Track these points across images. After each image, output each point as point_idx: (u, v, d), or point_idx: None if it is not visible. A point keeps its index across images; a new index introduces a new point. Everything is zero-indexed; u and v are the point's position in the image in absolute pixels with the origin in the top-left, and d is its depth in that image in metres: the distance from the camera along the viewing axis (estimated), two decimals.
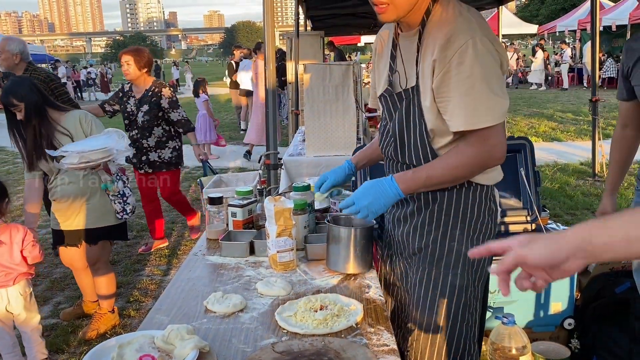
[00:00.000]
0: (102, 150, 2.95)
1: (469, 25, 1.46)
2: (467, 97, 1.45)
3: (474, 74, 1.43)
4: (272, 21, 3.19)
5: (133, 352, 1.29)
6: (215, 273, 1.88)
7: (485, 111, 1.45)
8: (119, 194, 3.19)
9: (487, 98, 1.45)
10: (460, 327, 1.65)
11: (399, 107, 1.64)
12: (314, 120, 3.90)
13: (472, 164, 1.53)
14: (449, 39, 1.45)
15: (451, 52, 1.44)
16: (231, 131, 12.15)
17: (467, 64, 1.43)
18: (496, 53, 1.47)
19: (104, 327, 3.33)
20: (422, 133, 1.59)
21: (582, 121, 11.11)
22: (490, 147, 1.50)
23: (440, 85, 1.49)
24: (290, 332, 1.44)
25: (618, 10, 17.83)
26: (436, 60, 1.48)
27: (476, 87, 1.44)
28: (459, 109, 1.47)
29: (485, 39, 1.44)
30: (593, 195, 5.87)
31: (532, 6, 36.00)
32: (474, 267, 1.65)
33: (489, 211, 1.67)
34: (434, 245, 1.66)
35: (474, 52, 1.42)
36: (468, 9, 1.53)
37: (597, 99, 6.43)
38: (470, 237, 1.64)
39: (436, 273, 1.65)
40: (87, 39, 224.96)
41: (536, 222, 3.09)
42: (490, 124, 1.46)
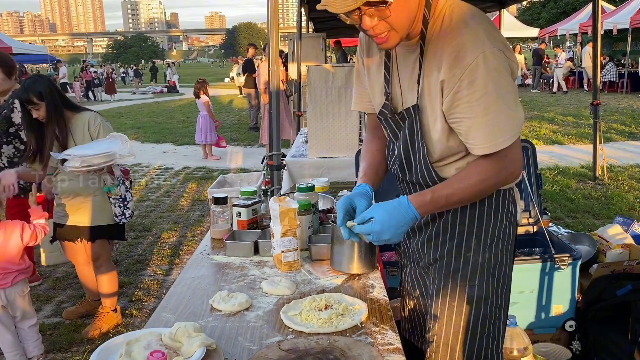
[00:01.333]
0: (104, 154, 2.98)
1: (477, 38, 1.34)
2: (484, 119, 1.36)
3: (488, 92, 1.33)
4: (276, 23, 3.21)
5: (141, 349, 1.30)
6: (220, 272, 1.89)
7: (505, 130, 1.37)
8: (120, 198, 3.22)
9: (505, 116, 1.36)
10: (480, 339, 1.58)
11: (403, 126, 1.55)
12: (316, 122, 3.92)
13: (491, 183, 1.46)
14: (456, 56, 1.34)
15: (460, 71, 1.34)
16: (232, 132, 12.17)
17: (480, 82, 1.33)
18: (507, 62, 1.37)
19: (107, 326, 3.35)
20: (426, 156, 1.52)
21: (582, 124, 11.13)
22: (509, 163, 1.43)
23: (451, 107, 1.39)
24: (295, 330, 1.46)
25: (619, 14, 17.87)
26: (445, 80, 1.38)
27: (492, 106, 1.35)
28: (477, 132, 1.38)
29: (495, 49, 1.33)
30: (594, 199, 5.88)
31: (533, 9, 36.05)
32: (495, 277, 1.58)
33: (507, 215, 1.59)
34: (449, 256, 1.58)
35: (485, 68, 1.32)
36: (472, 14, 1.40)
37: (598, 103, 6.45)
38: (488, 246, 1.56)
39: (452, 285, 1.57)
40: (88, 39, 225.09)
41: (538, 225, 3.11)
42: (511, 142, 1.39)
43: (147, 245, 4.98)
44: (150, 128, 13.43)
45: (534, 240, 3.10)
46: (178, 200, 6.59)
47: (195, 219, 5.78)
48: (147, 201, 6.62)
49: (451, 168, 1.52)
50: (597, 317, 2.77)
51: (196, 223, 5.61)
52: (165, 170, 8.52)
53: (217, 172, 8.06)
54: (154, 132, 12.77)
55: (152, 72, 37.60)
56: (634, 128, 10.51)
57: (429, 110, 1.46)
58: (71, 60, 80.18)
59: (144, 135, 12.26)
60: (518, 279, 2.68)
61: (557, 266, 2.74)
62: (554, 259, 2.74)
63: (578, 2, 28.88)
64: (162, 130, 12.94)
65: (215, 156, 9.30)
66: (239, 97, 22.01)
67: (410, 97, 1.51)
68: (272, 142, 3.34)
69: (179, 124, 14.07)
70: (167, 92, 26.65)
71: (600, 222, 4.93)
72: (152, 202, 6.54)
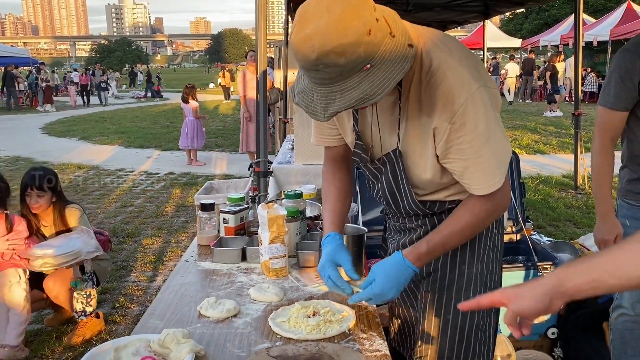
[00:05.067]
0: (69, 254, 3.08)
1: (462, 80, 1.32)
2: (477, 161, 1.36)
3: (479, 134, 1.33)
4: (264, 32, 3.23)
5: (129, 355, 1.30)
6: (208, 279, 1.89)
7: (497, 170, 1.38)
8: (85, 295, 3.23)
9: (496, 156, 1.37)
10: (474, 348, 1.60)
11: (383, 170, 1.53)
12: (303, 129, 3.93)
13: (486, 222, 1.49)
14: (445, 102, 1.32)
15: (450, 115, 1.32)
16: (217, 138, 12.15)
17: (470, 124, 1.32)
18: (492, 95, 1.37)
19: (90, 332, 3.31)
20: (412, 194, 1.52)
21: (564, 134, 11.30)
22: (499, 200, 1.44)
23: (443, 151, 1.38)
24: (284, 337, 1.46)
25: (600, 27, 18.23)
26: (437, 127, 1.35)
27: (483, 148, 1.35)
28: (471, 174, 1.38)
29: (481, 88, 1.32)
30: (575, 208, 5.98)
31: (516, 20, 36.54)
32: (487, 286, 1.60)
33: (496, 223, 1.62)
34: (444, 269, 1.59)
35: (473, 110, 1.31)
36: (448, 47, 1.36)
37: (579, 113, 6.57)
38: (481, 257, 1.59)
39: (447, 298, 1.59)
40: (71, 43, 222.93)
41: (521, 233, 3.16)
42: (503, 180, 1.40)
43: (130, 252, 4.94)
44: (133, 133, 13.35)
45: (517, 248, 3.15)
46: (162, 206, 6.55)
47: (179, 225, 5.75)
48: (131, 207, 6.57)
49: (441, 194, 1.54)
50: (578, 324, 2.81)
51: (180, 229, 5.58)
52: (149, 176, 8.47)
53: (201, 178, 8.03)
54: (138, 137, 12.69)
55: (131, 77, 37.32)
56: None
57: (416, 154, 1.45)
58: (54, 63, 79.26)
59: (127, 140, 12.18)
60: (502, 286, 2.73)
61: (540, 274, 2.78)
62: (536, 267, 2.78)
63: (560, 14, 29.34)
64: (146, 136, 12.87)
65: (199, 162, 9.27)
66: (224, 102, 21.98)
67: (390, 142, 1.49)
68: (260, 149, 3.35)
69: (162, 129, 14.00)
70: (151, 97, 26.50)
71: (582, 231, 5.01)
72: (136, 208, 6.50)
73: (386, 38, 1.20)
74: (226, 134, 12.79)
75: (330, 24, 1.14)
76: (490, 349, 1.65)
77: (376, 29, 1.17)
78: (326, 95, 1.22)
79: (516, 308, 1.05)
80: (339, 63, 1.16)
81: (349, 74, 1.19)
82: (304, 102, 1.28)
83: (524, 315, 1.05)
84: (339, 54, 1.15)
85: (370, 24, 1.16)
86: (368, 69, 1.19)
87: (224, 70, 25.13)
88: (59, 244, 3.14)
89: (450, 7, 6.66)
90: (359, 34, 1.14)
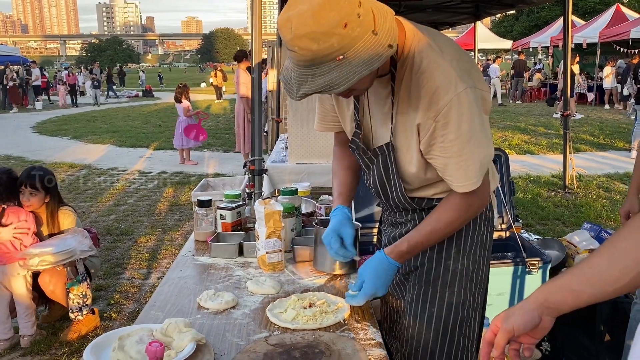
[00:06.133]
0: (64, 252, 3.13)
1: (449, 80, 1.37)
2: (458, 159, 1.41)
3: (462, 133, 1.38)
4: (260, 32, 3.28)
5: (133, 343, 1.35)
6: (206, 273, 1.94)
7: (479, 169, 1.43)
8: (81, 295, 3.28)
9: (478, 156, 1.42)
10: (457, 341, 1.65)
11: (375, 161, 1.59)
12: (297, 128, 3.98)
13: (463, 219, 1.55)
14: (431, 99, 1.38)
15: (434, 113, 1.38)
16: (210, 138, 12.13)
17: (453, 123, 1.37)
18: (479, 96, 1.42)
19: (86, 328, 3.35)
20: (402, 187, 1.59)
21: (553, 135, 11.43)
22: (477, 198, 1.50)
23: (427, 147, 1.44)
24: (281, 327, 1.52)
25: (589, 29, 18.42)
26: (420, 124, 1.42)
27: (465, 147, 1.39)
28: (453, 171, 1.43)
29: (468, 89, 1.37)
30: (563, 207, 6.07)
31: (506, 22, 36.77)
32: (473, 282, 1.65)
33: (485, 222, 1.66)
34: (430, 264, 1.65)
35: (457, 110, 1.36)
36: (441, 48, 1.42)
37: (568, 114, 6.67)
38: (467, 253, 1.63)
39: (432, 292, 1.64)
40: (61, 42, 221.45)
41: (510, 230, 3.23)
42: (484, 176, 1.46)
43: (124, 250, 4.97)
44: (125, 132, 13.33)
45: (506, 245, 3.22)
46: (155, 205, 6.57)
47: (173, 223, 5.78)
48: (124, 205, 6.59)
49: (429, 191, 1.60)
50: (564, 319, 2.88)
51: (174, 227, 5.61)
52: (141, 175, 8.48)
53: (194, 177, 8.06)
54: (130, 136, 12.67)
55: (120, 76, 37.14)
56: (602, 139, 10.84)
57: (404, 148, 1.51)
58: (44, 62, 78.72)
59: (119, 140, 12.16)
60: (491, 282, 2.78)
61: (528, 270, 2.86)
62: (525, 263, 2.86)
63: (550, 16, 29.58)
64: (138, 135, 12.85)
65: (192, 161, 9.29)
66: (216, 102, 21.98)
67: (382, 134, 1.55)
68: (254, 147, 3.40)
69: (154, 129, 13.99)
70: (143, 97, 26.43)
71: (570, 229, 5.09)
72: (129, 207, 6.52)
73: (366, 34, 1.25)
74: (218, 133, 12.80)
75: (308, 11, 1.21)
76: (474, 343, 1.70)
77: (355, 24, 1.23)
78: (300, 76, 1.29)
79: (507, 325, 1.04)
80: (311, 48, 1.23)
81: (321, 61, 1.25)
82: (285, 78, 1.35)
83: (516, 331, 1.03)
84: (312, 39, 1.22)
85: (348, 18, 1.22)
86: (340, 59, 1.25)
87: (215, 70, 25.10)
88: (54, 244, 3.19)
89: (442, 9, 6.74)
90: (333, 25, 1.21)
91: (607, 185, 7.10)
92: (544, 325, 1.05)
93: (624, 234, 0.98)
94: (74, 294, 3.24)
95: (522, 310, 1.05)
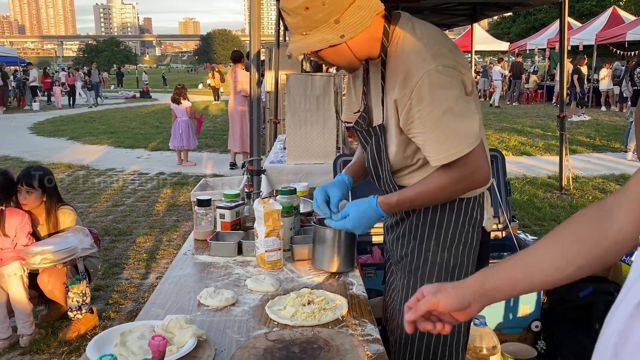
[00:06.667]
0: (65, 250, 3.14)
1: (423, 59, 1.47)
2: (434, 132, 1.47)
3: (436, 107, 1.45)
4: (258, 34, 3.30)
5: (135, 339, 1.37)
6: (205, 271, 1.97)
7: (458, 141, 1.47)
8: (80, 293, 3.29)
9: (454, 128, 1.47)
10: (437, 335, 1.63)
11: (370, 142, 1.69)
12: (295, 129, 4.01)
13: (455, 190, 1.58)
14: (405, 77, 1.49)
15: (409, 90, 1.47)
16: (208, 139, 12.18)
17: (427, 98, 1.45)
18: (456, 77, 1.49)
19: (84, 328, 3.36)
20: (389, 170, 1.68)
21: (550, 136, 11.48)
22: (470, 172, 1.53)
23: (405, 124, 1.53)
24: (280, 324, 1.54)
25: (585, 31, 18.51)
26: (397, 100, 1.52)
27: (440, 120, 1.46)
28: (430, 145, 1.50)
29: (440, 67, 1.46)
30: (560, 208, 6.11)
31: (503, 24, 36.88)
32: (455, 277, 1.69)
33: (470, 220, 1.69)
34: (412, 255, 1.72)
35: (429, 85, 1.44)
36: (422, 33, 1.54)
37: (564, 116, 6.71)
38: (447, 248, 1.68)
39: (414, 281, 1.71)
40: (58, 43, 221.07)
41: (507, 230, 3.26)
42: (466, 151, 1.48)
43: (123, 250, 4.98)
44: (123, 133, 13.33)
45: (502, 245, 3.25)
46: (153, 206, 6.59)
47: (171, 224, 5.80)
48: (122, 206, 6.60)
49: (412, 178, 1.66)
50: (561, 317, 2.92)
51: (172, 228, 5.63)
52: (139, 176, 8.50)
53: (192, 178, 8.07)
54: (127, 137, 12.68)
55: (118, 77, 37.12)
56: (598, 141, 10.90)
57: (391, 128, 1.61)
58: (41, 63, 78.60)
59: (117, 141, 12.17)
60: None
61: None
62: None
63: (547, 18, 29.68)
64: (136, 136, 12.86)
65: (190, 162, 9.30)
66: (213, 103, 21.97)
67: (377, 116, 1.66)
68: (253, 148, 3.42)
69: (152, 130, 13.99)
70: (140, 98, 26.41)
71: None
72: (127, 207, 6.53)
73: (329, 21, 1.49)
74: (216, 134, 12.81)
75: None
76: (460, 342, 1.75)
77: (317, 10, 1.47)
78: (291, 40, 1.57)
79: (434, 298, 1.03)
80: (287, 20, 1.54)
81: (293, 32, 1.54)
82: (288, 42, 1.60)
83: (440, 307, 1.03)
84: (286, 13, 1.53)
85: (310, 4, 1.46)
86: (304, 35, 1.52)
87: (213, 71, 25.09)
88: (56, 242, 3.20)
89: (439, 11, 6.78)
90: (297, 6, 1.48)
91: (603, 186, 7.14)
92: (471, 311, 1.03)
93: (569, 225, 0.98)
94: (74, 293, 3.25)
95: (455, 290, 1.03)
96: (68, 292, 3.26)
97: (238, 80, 8.22)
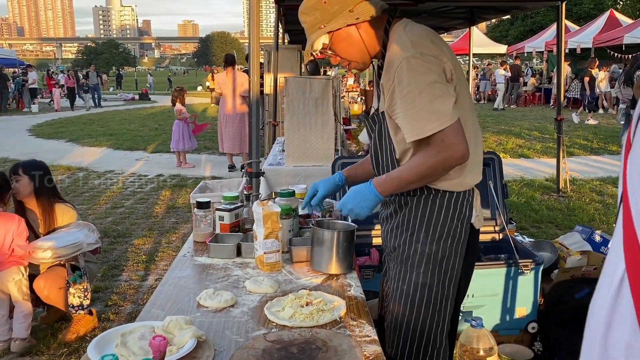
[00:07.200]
0: (72, 245, 3.15)
1: (404, 47, 1.67)
2: (411, 110, 1.64)
3: (412, 89, 1.63)
4: (257, 34, 3.33)
5: (135, 339, 1.39)
6: (205, 273, 1.99)
7: (429, 118, 1.62)
8: (82, 289, 3.30)
9: (427, 108, 1.62)
10: (423, 322, 1.84)
11: (375, 129, 1.88)
12: (293, 132, 4.04)
13: (433, 164, 1.67)
14: (388, 63, 1.71)
15: (392, 74, 1.68)
16: (206, 141, 12.20)
17: (405, 81, 1.64)
18: (437, 62, 1.65)
19: (84, 329, 3.38)
20: (391, 153, 1.82)
21: (547, 139, 11.52)
22: (446, 147, 1.63)
23: (389, 105, 1.72)
24: (279, 325, 1.56)
25: (583, 34, 18.59)
26: (383, 84, 1.74)
27: (415, 101, 1.63)
28: (406, 123, 1.67)
29: (417, 54, 1.64)
30: (557, 210, 6.14)
31: (501, 27, 36.99)
32: (442, 269, 1.82)
33: (458, 215, 1.81)
34: (403, 246, 1.86)
35: (407, 70, 1.63)
36: (411, 30, 1.73)
37: (562, 118, 6.74)
38: (436, 240, 1.80)
39: (404, 271, 1.85)
40: (57, 45, 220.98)
41: (503, 232, 3.28)
42: (439, 129, 1.61)
43: (122, 252, 5.00)
44: (122, 135, 13.35)
45: (499, 246, 3.27)
46: (152, 208, 6.60)
47: (170, 225, 5.81)
48: (121, 208, 6.62)
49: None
50: (557, 319, 2.94)
51: (171, 230, 5.65)
52: (138, 178, 8.51)
53: (191, 180, 8.09)
54: (127, 139, 12.69)
55: (117, 79, 37.18)
56: (595, 144, 10.94)
57: (385, 115, 1.80)
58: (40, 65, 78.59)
59: (116, 143, 12.18)
60: (484, 283, 2.85)
61: (520, 271, 2.91)
62: (518, 264, 2.90)
63: (544, 21, 29.78)
64: (135, 138, 12.87)
65: (189, 164, 9.32)
66: (212, 105, 21.99)
67: (381, 106, 1.84)
68: (252, 150, 3.44)
69: (151, 132, 14.00)
70: (139, 100, 26.43)
71: (563, 232, 5.13)
72: (126, 209, 6.54)
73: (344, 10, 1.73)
74: (215, 137, 12.80)
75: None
76: (444, 331, 1.88)
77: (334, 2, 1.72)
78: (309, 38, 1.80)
79: None
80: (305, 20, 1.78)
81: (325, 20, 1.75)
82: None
83: None
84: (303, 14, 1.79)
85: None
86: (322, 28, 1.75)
87: (212, 73, 25.10)
88: (60, 236, 3.19)
89: (437, 14, 6.82)
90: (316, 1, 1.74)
91: (600, 188, 7.17)
92: None
93: None
94: (75, 289, 3.25)
95: None
96: (69, 288, 3.25)
97: (238, 82, 8.24)
